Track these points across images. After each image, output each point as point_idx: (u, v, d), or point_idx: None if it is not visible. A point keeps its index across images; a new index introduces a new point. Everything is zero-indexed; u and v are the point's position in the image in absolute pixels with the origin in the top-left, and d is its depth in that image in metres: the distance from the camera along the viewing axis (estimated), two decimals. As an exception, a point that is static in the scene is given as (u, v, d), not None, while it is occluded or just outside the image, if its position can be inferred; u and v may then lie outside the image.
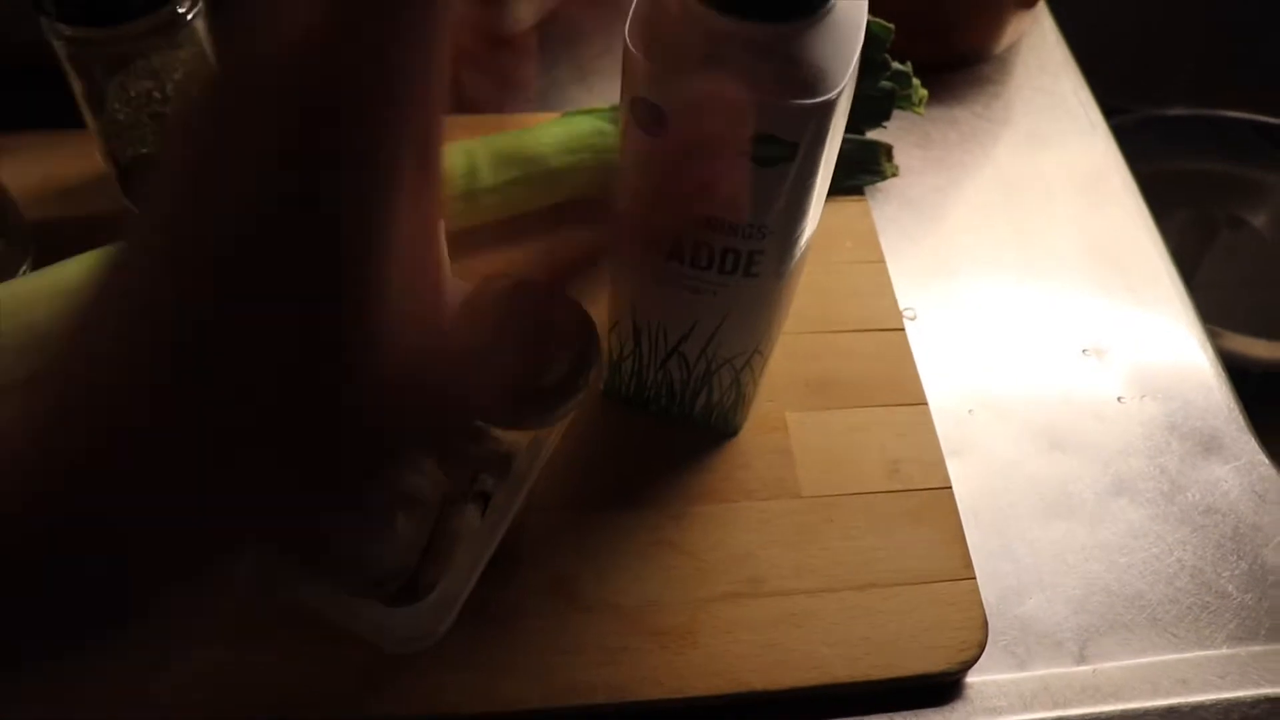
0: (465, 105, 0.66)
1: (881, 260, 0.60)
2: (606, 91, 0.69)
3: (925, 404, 0.55)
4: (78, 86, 0.52)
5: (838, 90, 0.37)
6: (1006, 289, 0.62)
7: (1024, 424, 0.56)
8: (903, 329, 0.57)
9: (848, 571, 0.49)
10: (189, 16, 0.51)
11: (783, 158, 0.38)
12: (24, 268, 0.56)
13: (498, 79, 0.33)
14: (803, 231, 0.42)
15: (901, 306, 0.59)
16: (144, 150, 0.54)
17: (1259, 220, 0.96)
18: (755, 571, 0.49)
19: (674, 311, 0.45)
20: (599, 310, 0.44)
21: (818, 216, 0.43)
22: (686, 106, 0.37)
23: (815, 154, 0.38)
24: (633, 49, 0.37)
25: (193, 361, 0.21)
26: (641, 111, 0.38)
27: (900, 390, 0.55)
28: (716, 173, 0.37)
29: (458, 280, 0.45)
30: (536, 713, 0.45)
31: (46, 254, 0.56)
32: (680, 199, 0.35)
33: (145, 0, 0.49)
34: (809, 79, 0.36)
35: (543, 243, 0.30)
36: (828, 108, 0.37)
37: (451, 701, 0.45)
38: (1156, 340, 0.60)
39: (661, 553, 0.49)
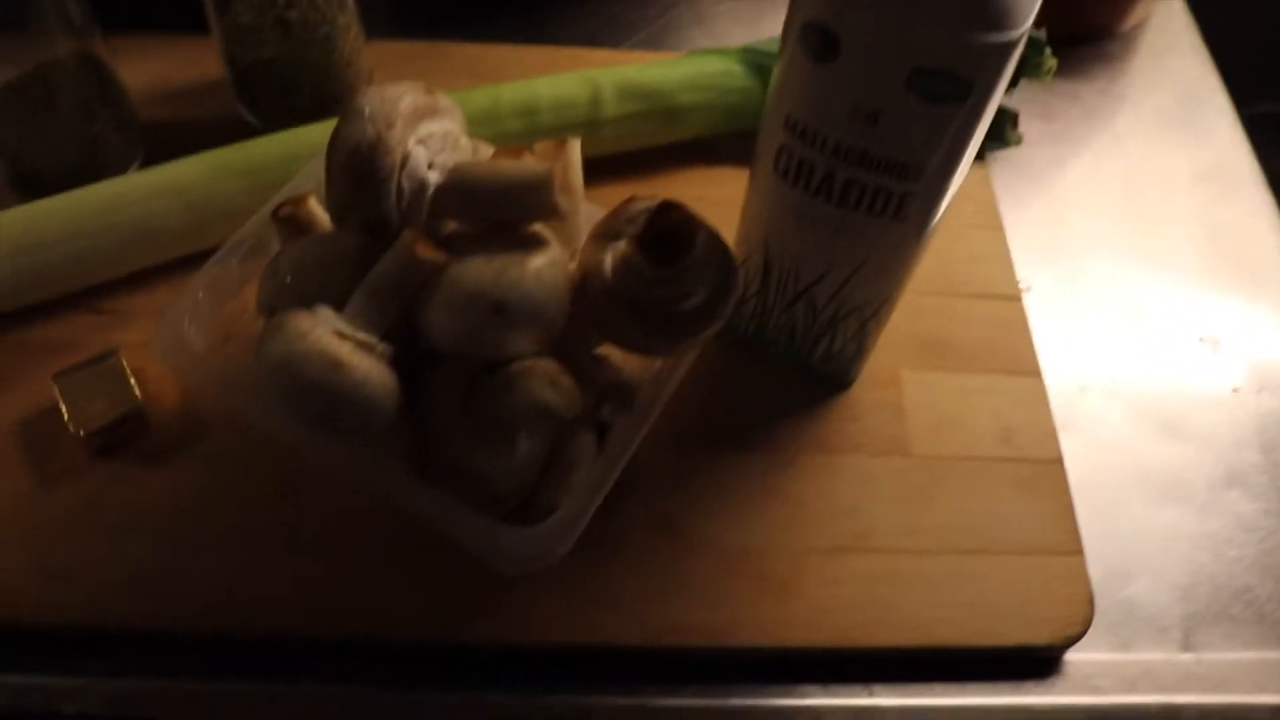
0: (587, 38, 0.65)
1: (1000, 228, 0.59)
2: (725, 35, 0.68)
3: (1039, 375, 0.53)
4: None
5: (1023, 30, 0.35)
6: (1122, 269, 0.60)
7: (1136, 406, 0.55)
8: (1019, 298, 0.56)
9: (955, 535, 0.48)
10: (327, -84, 0.50)
11: (955, 96, 0.36)
12: (135, 164, 0.55)
13: None
14: (955, 179, 0.41)
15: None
16: (265, 55, 0.53)
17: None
18: (861, 526, 0.48)
19: (811, 252, 0.44)
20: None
21: (967, 168, 0.42)
22: (863, 33, 0.36)
23: (987, 97, 0.37)
24: (810, -32, 0.36)
25: None
26: (812, 38, 0.37)
27: (1015, 359, 0.54)
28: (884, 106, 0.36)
29: (590, 205, 0.44)
30: (635, 649, 0.44)
31: (156, 153, 0.55)
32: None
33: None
34: (996, 14, 0.35)
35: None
36: (1010, 49, 0.35)
37: (551, 631, 0.44)
38: (1275, 335, 0.58)
39: (768, 499, 0.48)
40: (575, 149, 0.43)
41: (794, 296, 0.46)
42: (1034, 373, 0.53)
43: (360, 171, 0.37)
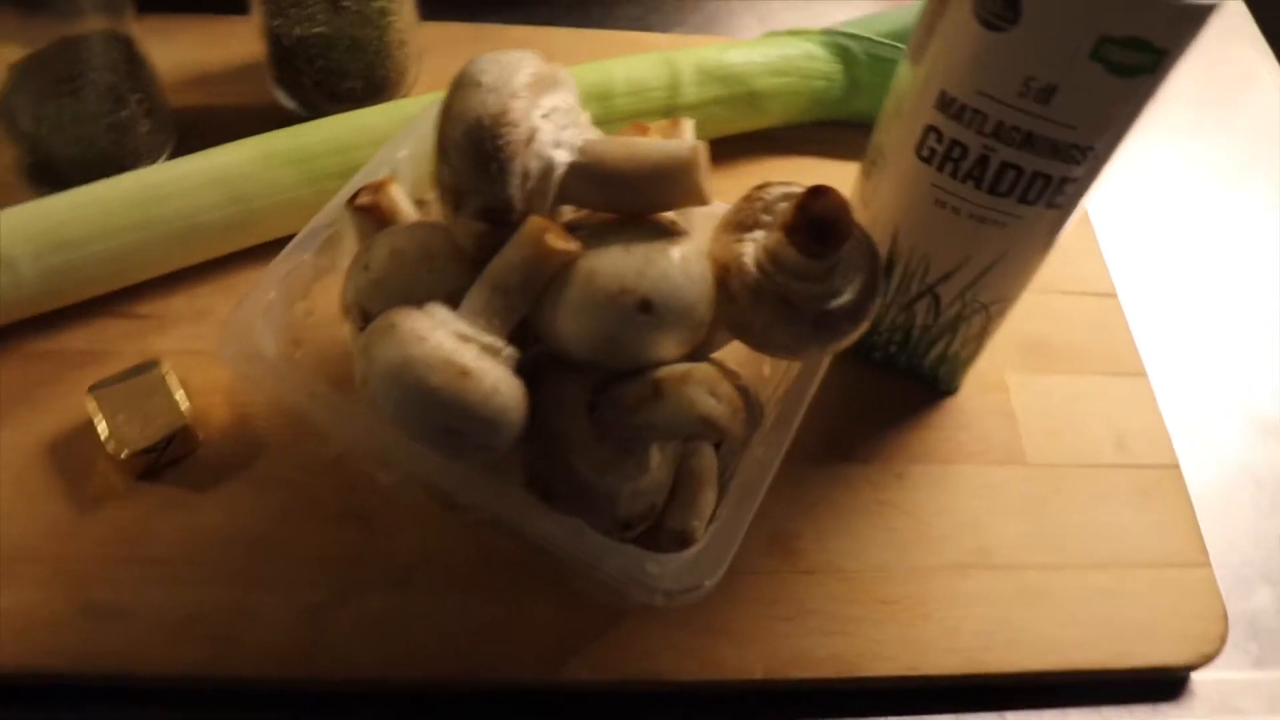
0: (636, 23, 0.61)
1: (1088, 221, 0.56)
2: (781, 20, 0.64)
3: (1145, 375, 0.50)
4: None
5: (1223, -8, 0.32)
6: (1202, 258, 0.58)
7: (1238, 406, 0.52)
8: (1115, 295, 0.53)
9: (1080, 548, 0.45)
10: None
11: (1143, 68, 0.33)
12: (165, 154, 0.50)
13: None
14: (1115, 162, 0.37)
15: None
16: (313, 32, 0.48)
17: None
18: (984, 541, 0.44)
19: (948, 244, 0.40)
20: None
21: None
22: (1051, -6, 0.32)
23: (1172, 69, 0.34)
24: (992, -76, 0.32)
25: None
26: (988, 1, 0.33)
27: (1119, 359, 0.51)
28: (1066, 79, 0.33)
29: (717, 202, 0.39)
30: (758, 684, 0.40)
31: (186, 142, 0.50)
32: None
33: None
34: (1199, -27, 0.31)
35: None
36: (1207, 13, 0.32)
37: (666, 667, 0.40)
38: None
39: (885, 513, 0.44)
40: (690, 129, 0.39)
41: (918, 294, 0.43)
42: (1140, 373, 0.51)
43: (481, 149, 0.32)
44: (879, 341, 0.46)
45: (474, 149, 0.33)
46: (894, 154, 0.39)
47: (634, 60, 0.50)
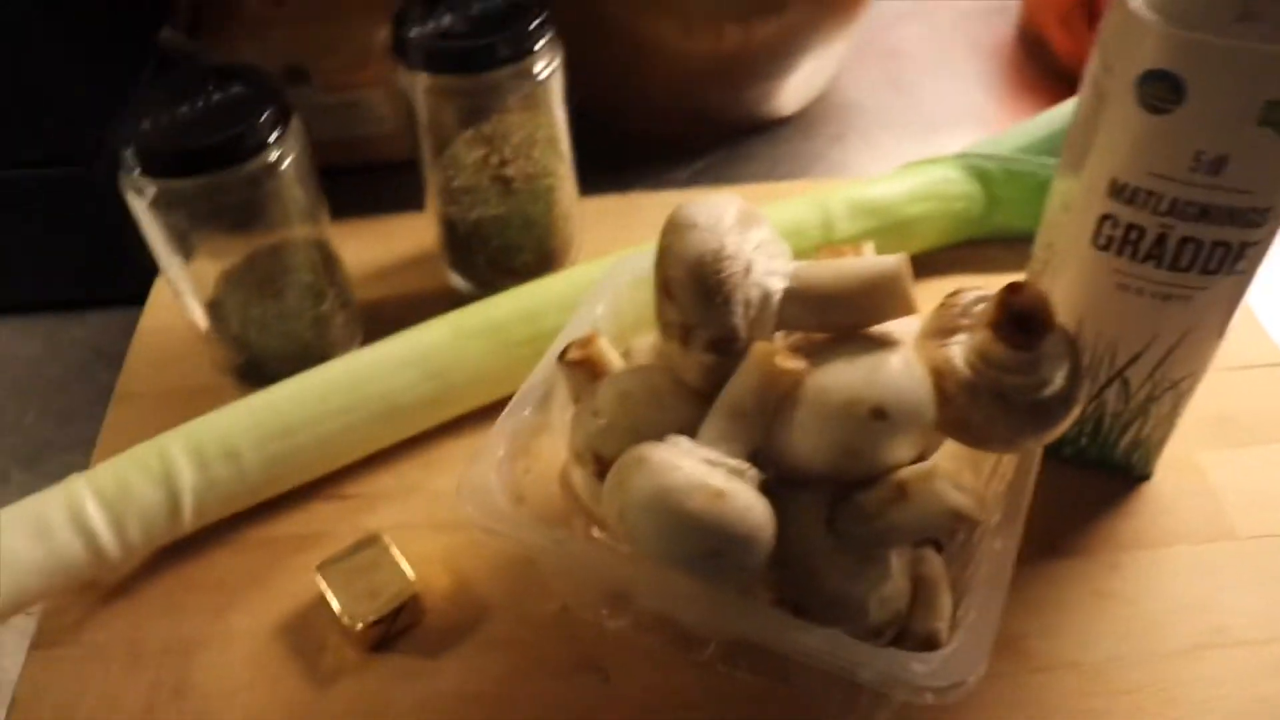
0: (765, 177, 0.64)
1: (1238, 297, 0.57)
2: (899, 155, 0.67)
3: (1341, 437, 0.50)
4: (426, 142, 0.51)
5: (1381, 47, 0.34)
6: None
7: None
8: (1285, 365, 0.53)
9: (1321, 616, 0.44)
10: (542, 76, 0.49)
11: (1313, 126, 0.35)
12: (357, 342, 0.53)
13: None
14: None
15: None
16: (488, 215, 0.52)
17: None
18: (1217, 620, 0.43)
19: (1134, 326, 0.41)
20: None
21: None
22: (1214, 74, 0.34)
23: (1339, 122, 0.35)
24: (1145, 12, 0.35)
25: None
26: (1153, 88, 0.36)
27: (1308, 425, 0.51)
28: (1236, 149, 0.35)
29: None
30: (1016, 789, 0.39)
31: (372, 329, 0.53)
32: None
33: (504, 56, 0.48)
34: (1358, 34, 0.33)
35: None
36: (1368, 65, 0.34)
37: (920, 781, 0.39)
38: None
39: (1106, 604, 0.44)
40: (871, 249, 0.41)
41: (1107, 380, 0.43)
42: (1334, 434, 0.50)
43: (706, 284, 0.35)
44: (1069, 436, 0.47)
45: (698, 285, 0.35)
46: (1068, 250, 0.41)
47: (787, 205, 0.54)
